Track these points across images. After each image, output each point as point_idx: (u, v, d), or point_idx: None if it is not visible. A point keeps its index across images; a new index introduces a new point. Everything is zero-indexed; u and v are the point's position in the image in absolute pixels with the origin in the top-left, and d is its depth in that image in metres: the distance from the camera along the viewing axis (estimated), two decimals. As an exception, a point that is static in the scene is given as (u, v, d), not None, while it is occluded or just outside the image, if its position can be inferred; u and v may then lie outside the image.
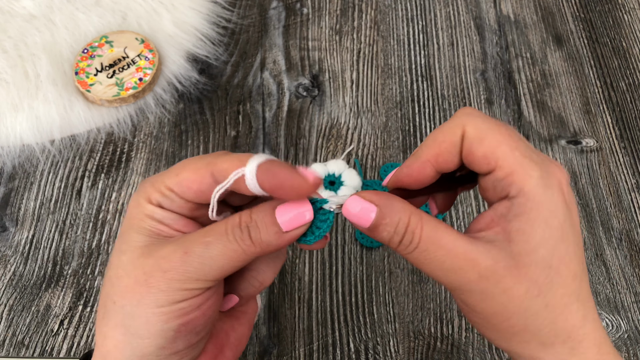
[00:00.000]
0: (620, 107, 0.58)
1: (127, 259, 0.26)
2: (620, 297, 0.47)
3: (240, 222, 0.25)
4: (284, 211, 0.26)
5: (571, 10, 0.65)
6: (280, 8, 0.65)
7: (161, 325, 0.25)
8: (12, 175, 0.53)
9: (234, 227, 0.25)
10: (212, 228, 0.26)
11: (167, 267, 0.25)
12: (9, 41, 0.58)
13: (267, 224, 0.25)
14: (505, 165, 0.24)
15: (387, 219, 0.25)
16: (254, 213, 0.26)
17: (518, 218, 0.24)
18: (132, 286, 0.25)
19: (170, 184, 0.26)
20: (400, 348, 0.45)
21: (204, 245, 0.25)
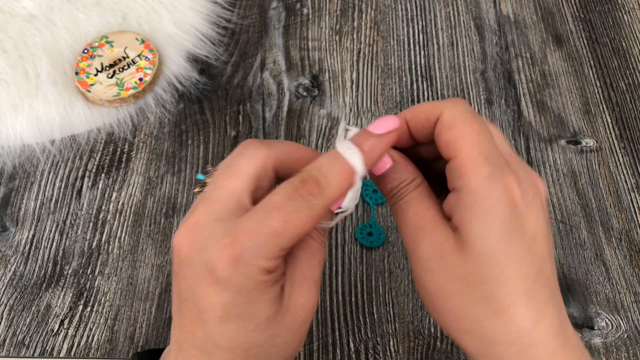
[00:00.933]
0: (620, 107, 0.58)
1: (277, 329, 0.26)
2: (620, 297, 0.47)
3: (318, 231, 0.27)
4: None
5: (571, 10, 0.65)
6: (280, 8, 0.65)
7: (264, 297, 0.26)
8: (13, 175, 0.53)
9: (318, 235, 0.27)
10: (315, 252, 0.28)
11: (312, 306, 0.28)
12: (9, 41, 0.58)
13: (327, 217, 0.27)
14: (459, 157, 0.26)
15: (397, 175, 0.28)
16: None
17: (462, 210, 0.25)
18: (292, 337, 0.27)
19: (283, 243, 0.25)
20: (400, 348, 0.45)
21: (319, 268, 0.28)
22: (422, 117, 0.28)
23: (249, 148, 0.27)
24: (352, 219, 0.50)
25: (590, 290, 0.47)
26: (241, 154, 0.27)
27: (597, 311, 0.47)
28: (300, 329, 0.27)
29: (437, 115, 0.27)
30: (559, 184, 0.53)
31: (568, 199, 0.52)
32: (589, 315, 0.46)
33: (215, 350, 0.26)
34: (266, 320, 0.25)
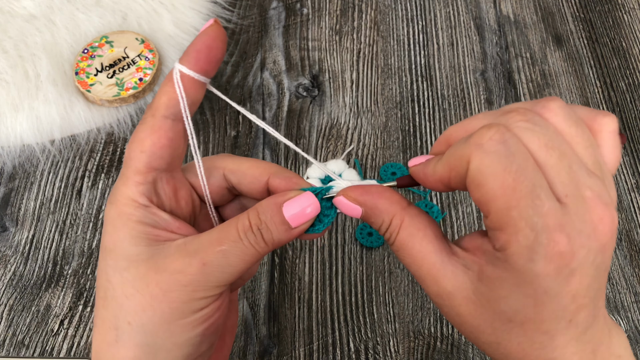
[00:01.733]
0: (620, 107, 0.58)
1: (133, 275, 0.25)
2: (620, 297, 0.47)
3: (251, 225, 0.25)
4: (291, 207, 0.26)
5: (571, 10, 0.65)
6: (280, 8, 0.65)
7: (187, 334, 0.25)
8: (12, 175, 0.53)
9: (246, 231, 0.25)
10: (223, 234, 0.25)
11: (186, 281, 0.24)
12: (9, 41, 0.58)
13: (277, 223, 0.26)
14: (495, 220, 0.22)
15: (372, 219, 0.26)
16: (262, 214, 0.26)
17: (493, 267, 0.23)
18: (149, 303, 0.24)
19: (141, 164, 0.25)
20: (400, 348, 0.45)
21: (221, 255, 0.24)
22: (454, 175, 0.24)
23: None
24: (352, 219, 0.50)
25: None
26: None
27: (597, 311, 0.47)
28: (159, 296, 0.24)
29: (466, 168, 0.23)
30: (559, 184, 0.53)
31: (568, 199, 0.52)
32: (589, 315, 0.46)
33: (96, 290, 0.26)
34: (123, 258, 0.25)
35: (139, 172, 0.25)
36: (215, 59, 0.26)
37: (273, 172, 0.28)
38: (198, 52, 0.25)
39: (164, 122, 0.26)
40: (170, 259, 0.25)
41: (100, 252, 0.26)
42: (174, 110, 0.26)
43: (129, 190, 0.25)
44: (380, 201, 0.26)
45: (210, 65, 0.26)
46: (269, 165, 0.28)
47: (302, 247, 0.49)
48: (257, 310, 0.46)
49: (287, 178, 0.28)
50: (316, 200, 0.26)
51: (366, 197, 0.26)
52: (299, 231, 0.26)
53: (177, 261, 0.24)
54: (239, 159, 0.29)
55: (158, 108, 0.26)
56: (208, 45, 0.25)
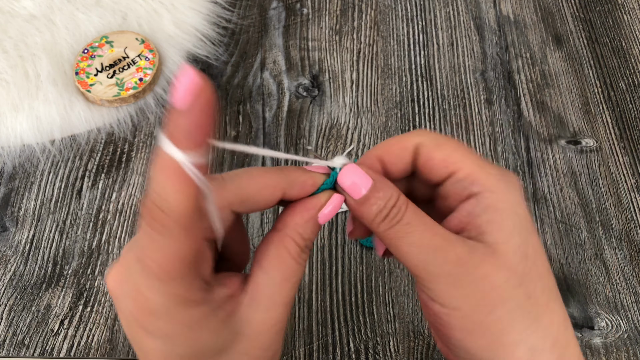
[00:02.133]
0: (620, 107, 0.58)
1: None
2: (620, 297, 0.47)
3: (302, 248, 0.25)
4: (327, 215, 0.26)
5: (571, 10, 0.65)
6: (280, 8, 0.65)
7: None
8: (12, 175, 0.53)
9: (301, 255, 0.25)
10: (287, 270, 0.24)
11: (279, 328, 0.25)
12: (9, 41, 0.58)
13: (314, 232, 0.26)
14: (464, 166, 0.25)
15: (381, 193, 0.25)
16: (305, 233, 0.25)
17: (486, 211, 0.24)
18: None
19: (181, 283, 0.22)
20: (400, 348, 0.45)
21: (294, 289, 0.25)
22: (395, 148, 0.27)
23: None
24: (352, 219, 0.50)
25: (590, 291, 0.47)
26: None
27: (597, 311, 0.47)
28: (265, 351, 0.24)
29: (414, 143, 0.26)
30: (558, 184, 0.53)
31: (568, 199, 0.52)
32: (589, 316, 0.46)
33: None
34: (212, 353, 0.23)
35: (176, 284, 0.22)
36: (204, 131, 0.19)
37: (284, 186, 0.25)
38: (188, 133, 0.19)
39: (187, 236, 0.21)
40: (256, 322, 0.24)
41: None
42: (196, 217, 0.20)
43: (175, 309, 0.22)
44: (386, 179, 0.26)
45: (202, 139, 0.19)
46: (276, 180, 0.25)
47: (302, 247, 0.49)
48: (257, 310, 0.46)
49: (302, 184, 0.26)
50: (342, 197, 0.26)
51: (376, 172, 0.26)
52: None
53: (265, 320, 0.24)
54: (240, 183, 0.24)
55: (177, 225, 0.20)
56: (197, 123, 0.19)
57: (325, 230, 0.50)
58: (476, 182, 0.25)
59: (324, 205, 0.25)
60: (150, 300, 0.21)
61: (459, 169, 0.25)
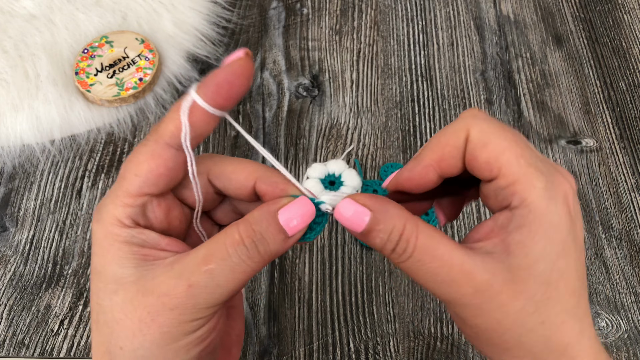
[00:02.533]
0: (620, 107, 0.58)
1: (122, 299, 0.23)
2: (620, 297, 0.47)
3: (243, 239, 0.23)
4: (287, 214, 0.24)
5: (571, 10, 0.65)
6: (280, 8, 0.65)
7: (181, 358, 0.24)
8: (12, 175, 0.53)
9: (236, 246, 0.23)
10: (210, 252, 0.23)
11: (173, 305, 0.23)
12: (9, 41, 0.58)
13: (274, 232, 0.24)
14: (508, 174, 0.23)
15: (381, 225, 0.24)
16: (255, 224, 0.24)
17: (519, 230, 0.23)
18: (138, 328, 0.23)
19: (132, 187, 0.24)
20: (400, 348, 0.45)
21: (208, 275, 0.23)
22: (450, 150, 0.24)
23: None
24: (352, 219, 0.50)
25: (590, 290, 0.47)
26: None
27: (598, 311, 0.47)
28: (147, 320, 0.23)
29: (464, 137, 0.24)
30: (559, 184, 0.53)
31: (568, 199, 0.52)
32: (589, 316, 0.46)
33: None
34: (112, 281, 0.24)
35: (129, 195, 0.24)
36: (236, 96, 0.24)
37: (258, 176, 0.26)
38: (218, 87, 0.23)
39: (166, 150, 0.24)
40: (157, 280, 0.23)
41: (91, 273, 0.25)
42: (179, 140, 0.24)
43: (116, 211, 0.24)
44: (390, 205, 0.24)
45: (228, 101, 0.24)
46: (254, 168, 0.26)
47: (302, 248, 0.49)
48: (257, 310, 0.46)
49: (273, 184, 0.26)
50: (312, 205, 0.25)
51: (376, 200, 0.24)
52: (295, 240, 0.25)
53: (163, 283, 0.23)
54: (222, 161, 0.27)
55: (162, 135, 0.24)
56: (230, 81, 0.23)
57: (325, 230, 0.50)
58: (517, 194, 0.23)
59: (285, 204, 0.24)
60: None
61: (503, 175, 0.23)
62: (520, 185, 0.23)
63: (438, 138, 0.25)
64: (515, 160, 0.23)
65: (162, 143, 0.24)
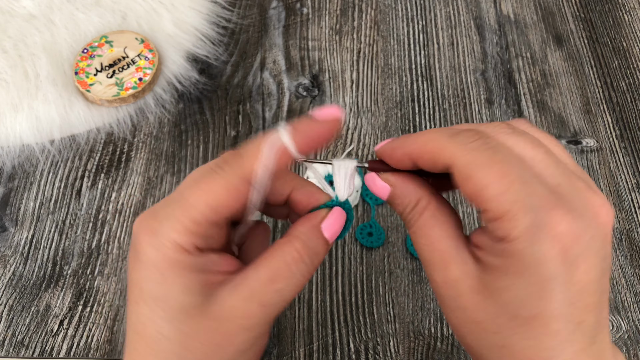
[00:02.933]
0: (621, 107, 0.58)
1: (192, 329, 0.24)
2: (620, 297, 0.47)
3: (302, 256, 0.25)
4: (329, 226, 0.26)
5: (571, 10, 0.65)
6: (280, 8, 0.65)
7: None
8: (12, 175, 0.53)
9: (297, 264, 0.25)
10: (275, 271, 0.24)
11: (249, 325, 0.24)
12: (9, 41, 0.58)
13: (321, 245, 0.26)
14: (491, 209, 0.22)
15: (399, 200, 0.26)
16: (309, 240, 0.26)
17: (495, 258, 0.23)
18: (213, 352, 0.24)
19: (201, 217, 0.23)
20: (400, 348, 0.45)
21: (278, 294, 0.24)
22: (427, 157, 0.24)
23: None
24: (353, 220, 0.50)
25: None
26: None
27: (598, 311, 0.46)
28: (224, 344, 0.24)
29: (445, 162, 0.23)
30: (559, 184, 0.53)
31: (568, 199, 0.52)
32: (590, 316, 0.46)
33: (133, 336, 0.25)
34: (178, 310, 0.23)
35: (196, 223, 0.23)
36: (320, 148, 0.25)
37: (295, 185, 0.28)
38: (310, 139, 0.25)
39: (245, 186, 0.24)
40: (228, 305, 0.24)
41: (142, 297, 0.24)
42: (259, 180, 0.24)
43: (178, 237, 0.23)
44: (411, 183, 0.26)
45: (312, 151, 0.25)
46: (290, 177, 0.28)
47: (302, 247, 0.49)
48: (257, 311, 0.46)
49: (309, 193, 0.28)
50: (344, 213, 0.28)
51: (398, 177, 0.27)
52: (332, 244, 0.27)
53: (235, 308, 0.24)
54: None
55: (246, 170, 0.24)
56: (322, 135, 0.25)
57: (325, 230, 0.50)
58: (500, 229, 0.22)
59: (325, 217, 0.27)
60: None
61: (487, 210, 0.22)
62: (503, 222, 0.22)
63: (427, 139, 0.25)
64: (499, 197, 0.22)
65: (242, 178, 0.24)
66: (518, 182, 0.22)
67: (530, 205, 0.21)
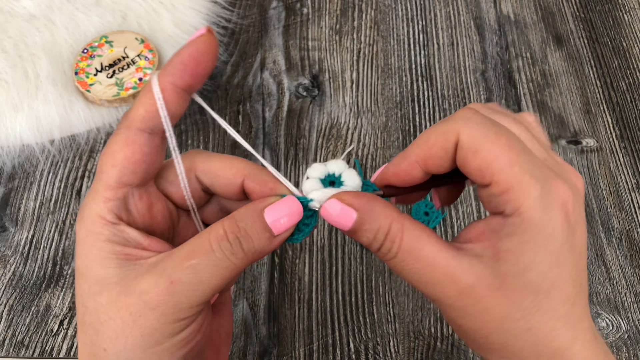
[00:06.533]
0: (621, 107, 0.58)
1: (105, 300, 0.23)
2: (620, 297, 0.47)
3: (227, 234, 0.23)
4: (273, 213, 0.24)
5: (571, 10, 0.65)
6: (280, 8, 0.65)
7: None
8: (12, 175, 0.53)
9: (220, 241, 0.23)
10: (193, 247, 0.23)
11: (154, 303, 0.22)
12: (9, 41, 0.58)
13: (259, 230, 0.23)
14: (501, 181, 0.22)
15: (367, 225, 0.24)
16: (241, 220, 0.23)
17: (510, 238, 0.22)
18: (121, 330, 0.22)
19: (111, 180, 0.24)
20: (400, 348, 0.45)
21: (190, 270, 0.22)
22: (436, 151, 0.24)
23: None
24: (352, 219, 0.50)
25: (590, 291, 0.47)
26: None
27: (598, 311, 0.46)
28: (130, 322, 0.22)
29: (454, 141, 0.23)
30: (559, 184, 0.53)
31: (568, 199, 0.52)
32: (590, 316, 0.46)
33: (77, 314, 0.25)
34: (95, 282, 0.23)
35: (108, 188, 0.24)
36: (202, 74, 0.24)
37: (247, 173, 0.26)
38: (183, 65, 0.23)
39: (139, 136, 0.24)
40: (139, 279, 0.23)
41: (75, 274, 0.24)
42: (152, 124, 0.24)
43: (97, 207, 0.24)
44: (377, 204, 0.24)
45: (195, 79, 0.24)
46: (243, 165, 0.26)
47: (302, 247, 0.49)
48: (257, 311, 0.46)
49: (262, 182, 0.26)
50: (300, 205, 0.25)
51: (362, 199, 0.24)
52: (281, 240, 0.24)
53: (144, 281, 0.22)
54: (210, 157, 0.27)
55: (134, 120, 0.24)
56: (195, 58, 0.23)
57: (325, 230, 0.50)
58: (510, 202, 0.22)
59: (272, 203, 0.24)
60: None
61: (496, 182, 0.22)
62: (513, 194, 0.22)
63: (427, 135, 0.24)
64: (508, 168, 0.22)
65: (134, 129, 0.24)
66: (523, 154, 0.22)
67: (537, 175, 0.22)
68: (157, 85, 0.23)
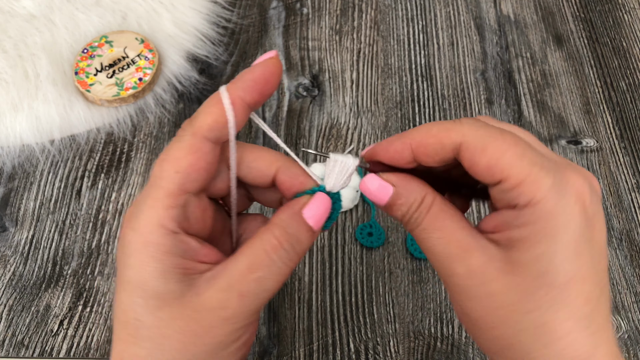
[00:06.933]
0: (621, 107, 0.58)
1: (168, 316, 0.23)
2: (620, 297, 0.47)
3: (282, 243, 0.24)
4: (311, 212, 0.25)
5: (571, 10, 0.65)
6: (280, 8, 0.65)
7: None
8: (12, 175, 0.53)
9: (277, 251, 0.24)
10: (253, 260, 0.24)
11: (227, 315, 0.23)
12: (9, 41, 0.58)
13: (304, 232, 0.25)
14: (511, 175, 0.22)
15: (403, 199, 0.25)
16: (289, 227, 0.25)
17: (523, 227, 0.22)
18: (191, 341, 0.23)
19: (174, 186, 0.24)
20: (400, 348, 0.45)
21: (257, 283, 0.24)
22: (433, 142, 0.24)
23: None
24: (352, 219, 0.50)
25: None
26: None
27: (598, 311, 0.46)
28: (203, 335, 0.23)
29: (455, 141, 0.23)
30: (559, 184, 0.53)
31: (568, 199, 0.52)
32: (590, 316, 0.46)
33: (117, 325, 0.25)
34: (154, 297, 0.23)
35: (170, 195, 0.24)
36: (267, 93, 0.25)
37: (279, 166, 0.27)
38: (254, 82, 0.24)
39: (205, 144, 0.24)
40: (205, 296, 0.23)
41: (122, 284, 0.24)
42: (217, 134, 0.24)
43: (157, 215, 0.24)
44: (412, 180, 0.25)
45: (261, 97, 0.25)
46: (275, 158, 0.27)
47: (302, 247, 0.49)
48: (257, 311, 0.46)
49: (294, 176, 0.27)
50: (329, 199, 0.26)
51: (399, 176, 0.26)
52: (318, 232, 0.26)
53: (213, 298, 0.23)
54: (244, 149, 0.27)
55: (201, 128, 0.24)
56: (265, 77, 0.24)
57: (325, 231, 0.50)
58: (523, 195, 0.22)
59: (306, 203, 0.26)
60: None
61: (507, 177, 0.22)
62: (525, 187, 0.22)
63: (430, 126, 0.25)
64: (517, 161, 0.22)
65: (200, 136, 0.24)
66: (530, 149, 0.23)
67: (548, 167, 0.22)
68: (227, 98, 0.24)
